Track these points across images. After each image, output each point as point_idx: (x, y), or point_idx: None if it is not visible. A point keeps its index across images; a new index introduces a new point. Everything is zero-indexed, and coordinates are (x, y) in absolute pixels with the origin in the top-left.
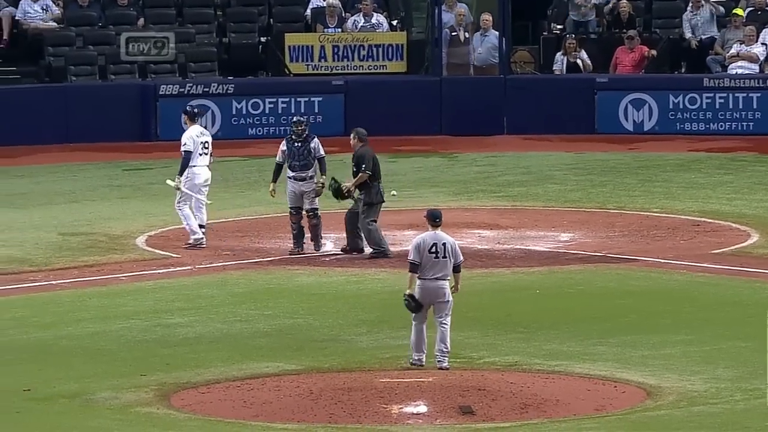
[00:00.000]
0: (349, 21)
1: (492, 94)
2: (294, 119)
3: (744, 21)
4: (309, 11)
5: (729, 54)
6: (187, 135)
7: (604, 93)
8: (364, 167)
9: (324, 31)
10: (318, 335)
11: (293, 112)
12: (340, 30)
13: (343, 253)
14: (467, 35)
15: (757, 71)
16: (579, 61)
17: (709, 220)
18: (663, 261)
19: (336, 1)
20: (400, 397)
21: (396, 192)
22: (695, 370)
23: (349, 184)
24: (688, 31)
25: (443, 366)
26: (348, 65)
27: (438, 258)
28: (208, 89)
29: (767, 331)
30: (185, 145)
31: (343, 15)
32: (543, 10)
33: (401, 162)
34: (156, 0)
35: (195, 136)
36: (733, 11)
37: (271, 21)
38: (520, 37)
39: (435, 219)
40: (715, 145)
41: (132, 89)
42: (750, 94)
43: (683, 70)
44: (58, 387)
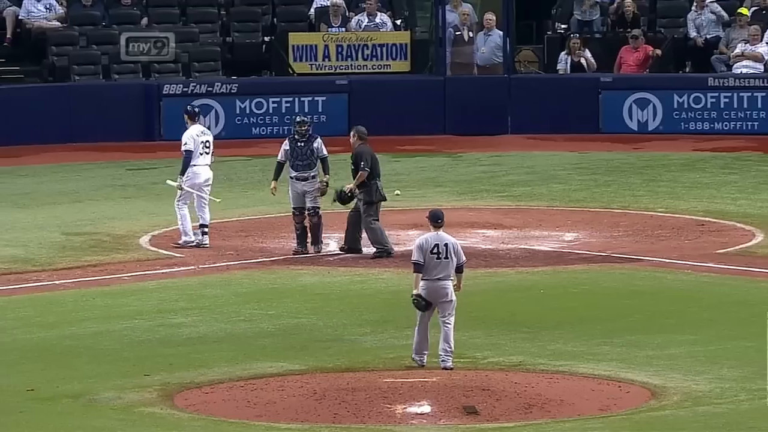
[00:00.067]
0: (353, 20)
1: (496, 93)
2: (297, 119)
3: (749, 20)
4: (313, 11)
5: (734, 53)
6: (188, 134)
7: (608, 93)
8: (363, 165)
9: (328, 31)
10: (322, 335)
11: (297, 111)
12: (343, 29)
13: (342, 252)
14: (471, 35)
15: (762, 71)
16: (583, 61)
17: (714, 219)
18: (667, 261)
19: (340, 1)
20: (404, 397)
21: (399, 191)
22: (700, 370)
23: (351, 185)
24: (692, 31)
25: (447, 365)
26: (352, 65)
27: (440, 259)
28: (211, 89)
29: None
30: (186, 145)
31: (347, 14)
32: (547, 9)
33: (405, 162)
34: None
35: (195, 135)
36: (738, 11)
37: (275, 20)
38: (524, 37)
39: (437, 220)
40: (720, 145)
41: (135, 89)
42: (755, 93)
43: (688, 69)
44: (61, 387)
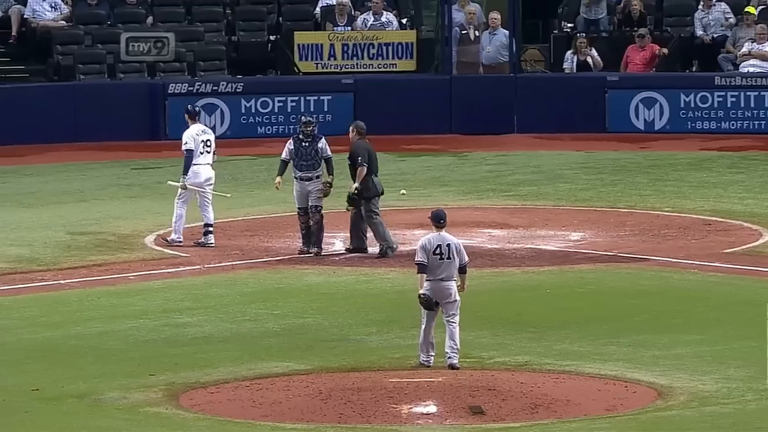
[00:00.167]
0: (359, 19)
1: (502, 92)
2: (303, 119)
3: (756, 19)
4: (318, 9)
5: (740, 52)
6: (188, 134)
7: (614, 92)
8: (360, 160)
9: (333, 30)
10: (327, 335)
11: (302, 110)
12: (349, 28)
13: (348, 253)
14: (477, 34)
15: None
16: (589, 60)
17: (721, 219)
18: (674, 260)
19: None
20: (410, 397)
21: (405, 191)
22: (706, 370)
23: (355, 184)
24: (699, 29)
25: (453, 362)
26: (357, 64)
27: (443, 259)
28: (217, 88)
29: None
30: (186, 144)
31: (353, 13)
32: (553, 8)
33: (411, 161)
34: None
35: (195, 134)
36: (745, 9)
37: (281, 19)
38: (530, 36)
39: (439, 220)
40: (727, 144)
41: (141, 88)
42: (762, 92)
43: (694, 68)
44: (66, 387)
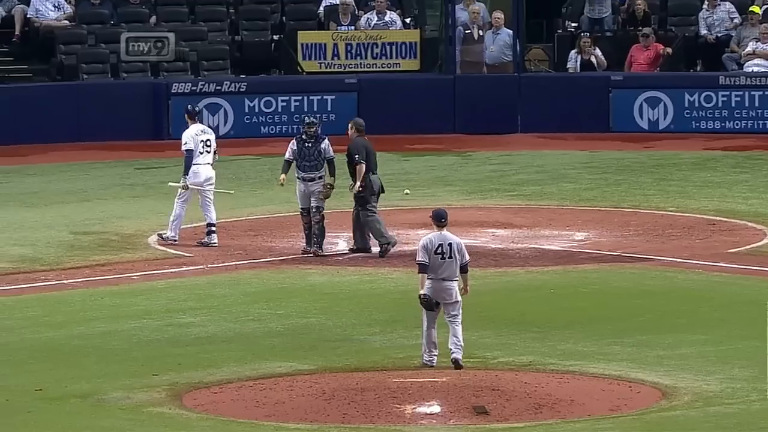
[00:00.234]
0: (363, 19)
1: (506, 92)
2: (306, 120)
3: (760, 18)
4: (322, 9)
5: (745, 52)
6: (187, 134)
7: (618, 91)
8: (357, 158)
9: (337, 29)
10: (331, 335)
11: (306, 110)
12: (353, 28)
13: (352, 253)
14: (481, 33)
15: None
16: (593, 59)
17: (725, 219)
18: (678, 260)
19: None
20: (413, 397)
21: (409, 191)
22: (711, 370)
23: (357, 183)
24: (703, 29)
25: (457, 357)
26: (361, 63)
27: (444, 259)
28: (220, 87)
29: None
30: (186, 144)
31: (357, 13)
32: (557, 7)
33: (414, 160)
34: None
35: (194, 134)
36: (750, 8)
37: (284, 19)
38: (534, 35)
39: (440, 219)
40: (731, 144)
41: (144, 87)
42: (766, 92)
43: (699, 68)
44: (69, 387)
